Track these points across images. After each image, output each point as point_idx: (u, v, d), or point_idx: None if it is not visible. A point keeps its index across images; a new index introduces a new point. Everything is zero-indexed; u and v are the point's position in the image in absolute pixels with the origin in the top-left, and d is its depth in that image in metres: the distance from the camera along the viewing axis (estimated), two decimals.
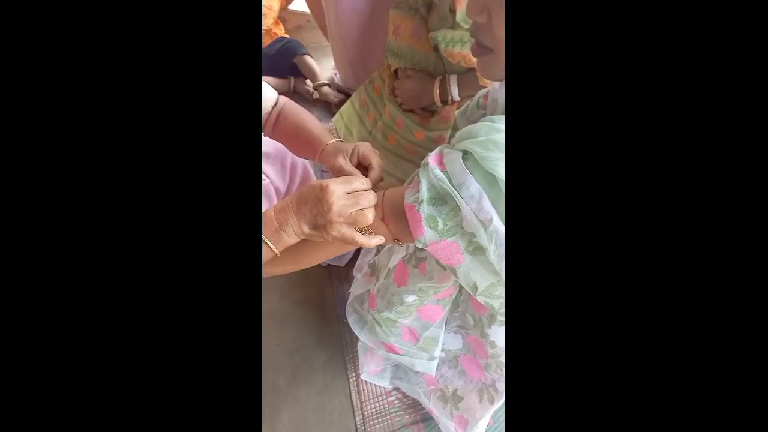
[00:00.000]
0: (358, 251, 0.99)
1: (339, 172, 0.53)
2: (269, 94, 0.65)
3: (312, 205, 0.43)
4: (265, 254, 0.43)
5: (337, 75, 1.52)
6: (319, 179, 0.48)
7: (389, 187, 0.49)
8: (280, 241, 0.42)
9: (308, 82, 1.55)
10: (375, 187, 0.49)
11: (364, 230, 0.45)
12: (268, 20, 1.48)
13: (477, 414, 0.71)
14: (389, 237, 0.47)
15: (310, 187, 0.44)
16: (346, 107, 1.19)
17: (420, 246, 0.43)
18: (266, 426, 0.81)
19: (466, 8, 0.43)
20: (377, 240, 0.45)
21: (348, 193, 0.43)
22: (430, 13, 0.87)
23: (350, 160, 0.53)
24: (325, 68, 1.58)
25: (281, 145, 0.83)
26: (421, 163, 0.43)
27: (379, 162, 0.53)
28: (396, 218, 0.45)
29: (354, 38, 1.21)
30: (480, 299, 0.47)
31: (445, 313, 0.66)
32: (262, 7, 1.45)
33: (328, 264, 1.04)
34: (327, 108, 1.53)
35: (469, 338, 0.70)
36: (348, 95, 1.39)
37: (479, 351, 0.68)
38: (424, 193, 0.41)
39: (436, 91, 0.86)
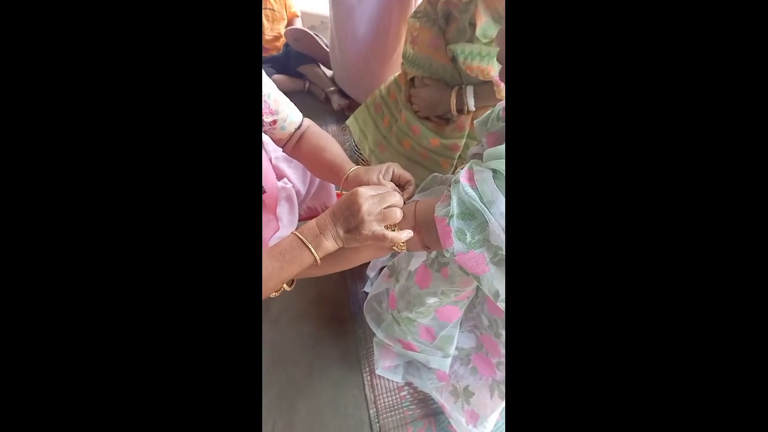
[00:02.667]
0: None
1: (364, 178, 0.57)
2: (295, 117, 0.68)
3: (345, 208, 0.47)
4: (304, 261, 0.47)
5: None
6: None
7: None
8: (321, 247, 0.46)
9: None
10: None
11: (393, 228, 0.49)
12: (278, 25, 1.51)
13: (488, 409, 0.75)
14: (420, 245, 0.51)
15: (343, 196, 0.48)
16: (360, 110, 1.22)
17: (448, 255, 0.47)
18: (284, 418, 0.86)
19: (497, 37, 0.46)
20: (406, 234, 0.48)
21: (374, 195, 0.47)
22: (449, 25, 0.90)
23: (384, 178, 0.57)
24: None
25: None
26: (452, 180, 0.47)
27: (413, 180, 0.58)
28: (426, 228, 0.49)
29: (356, 50, 1.23)
30: (500, 305, 0.51)
31: (462, 314, 0.71)
32: (274, 12, 1.48)
33: None
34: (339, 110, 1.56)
35: (482, 337, 0.74)
36: (351, 100, 1.42)
37: (492, 350, 0.73)
38: (455, 208, 0.45)
39: (453, 100, 0.90)
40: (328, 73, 1.53)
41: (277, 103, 0.64)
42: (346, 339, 0.96)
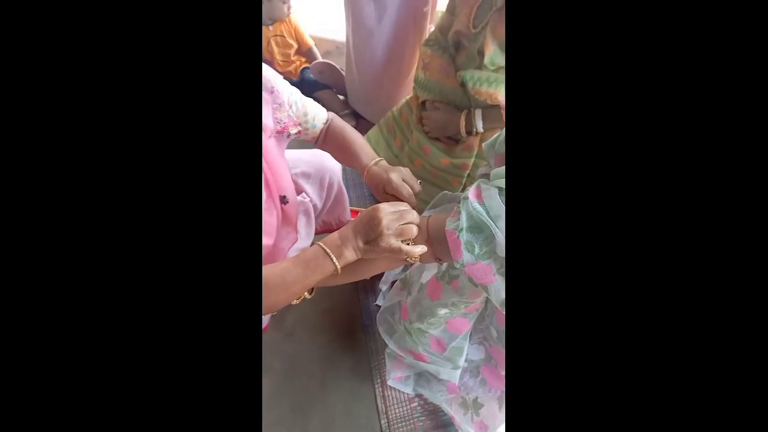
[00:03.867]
0: None
1: (388, 184, 0.62)
2: (321, 114, 0.76)
3: (366, 222, 0.51)
4: (326, 269, 0.51)
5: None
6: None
7: (416, 209, 0.57)
8: (342, 257, 0.50)
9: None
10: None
11: (408, 242, 0.53)
12: (288, 50, 1.60)
13: (497, 420, 0.77)
14: (432, 257, 0.55)
15: (364, 212, 0.52)
16: (373, 131, 1.28)
17: (458, 266, 0.51)
18: (298, 428, 0.88)
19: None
20: (420, 249, 0.52)
21: (394, 211, 0.52)
22: (458, 53, 0.96)
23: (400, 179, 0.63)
24: None
25: (321, 166, 0.93)
26: (462, 197, 0.51)
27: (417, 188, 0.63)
28: (438, 242, 0.53)
29: (373, 73, 1.31)
30: None
31: (471, 326, 0.73)
32: (285, 39, 1.57)
33: None
34: None
35: (491, 349, 0.76)
36: (363, 121, 1.49)
37: (501, 362, 0.75)
38: (464, 222, 0.49)
39: (462, 122, 0.95)
40: (341, 97, 1.61)
41: (304, 107, 0.71)
42: (358, 351, 0.98)
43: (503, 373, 0.75)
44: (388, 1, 1.09)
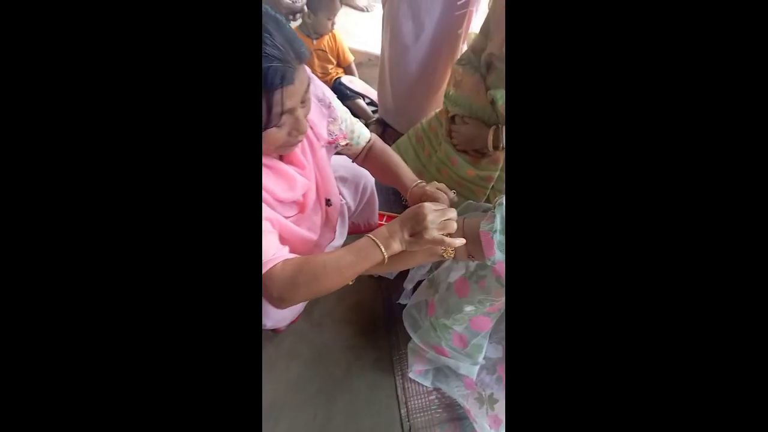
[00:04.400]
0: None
1: (427, 194, 0.69)
2: (365, 133, 0.83)
3: (412, 217, 0.59)
4: (375, 258, 0.59)
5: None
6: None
7: None
8: (389, 247, 0.58)
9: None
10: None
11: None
12: (327, 64, 1.71)
13: None
14: (465, 254, 0.62)
15: (410, 209, 0.60)
16: (402, 140, 1.36)
17: (489, 264, 0.58)
18: (323, 410, 0.95)
19: None
20: (460, 241, 0.59)
21: (437, 209, 0.59)
22: (489, 73, 1.03)
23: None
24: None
25: (356, 172, 1.01)
26: (497, 203, 0.58)
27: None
28: (472, 241, 0.60)
29: (406, 86, 1.40)
30: None
31: (492, 325, 0.80)
32: (326, 53, 1.67)
33: (379, 276, 1.19)
34: None
35: None
36: (390, 130, 1.59)
37: None
38: (498, 224, 0.56)
39: (490, 138, 1.02)
40: (368, 109, 1.71)
41: (352, 125, 0.79)
42: (381, 345, 1.05)
43: None
44: (426, 21, 1.17)
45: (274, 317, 0.85)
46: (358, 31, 2.16)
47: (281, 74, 0.47)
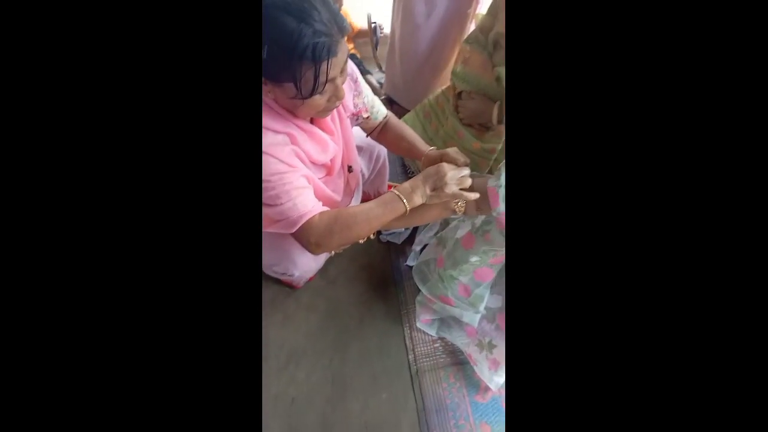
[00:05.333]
0: (413, 232, 1.24)
1: (445, 156, 0.79)
2: (382, 109, 0.92)
3: (434, 173, 0.68)
4: (398, 210, 0.68)
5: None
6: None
7: None
8: (411, 200, 0.67)
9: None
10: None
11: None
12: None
13: None
14: (474, 209, 0.71)
15: (431, 168, 0.69)
16: (410, 115, 1.44)
17: (494, 215, 0.68)
18: (339, 355, 1.06)
19: None
20: (474, 195, 0.69)
21: (454, 168, 0.68)
22: (496, 51, 1.11)
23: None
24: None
25: (371, 142, 1.09)
26: (500, 165, 0.68)
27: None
28: (480, 196, 0.70)
29: (415, 63, 1.47)
30: None
31: (494, 277, 0.90)
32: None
33: (387, 240, 1.29)
34: None
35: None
36: (396, 106, 1.66)
37: None
38: (503, 180, 0.66)
39: (495, 112, 1.10)
40: (376, 83, 1.78)
41: (372, 100, 0.87)
42: (390, 300, 1.16)
43: None
44: (438, 1, 1.24)
45: (301, 266, 0.95)
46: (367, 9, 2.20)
47: (328, 47, 0.54)
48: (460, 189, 0.68)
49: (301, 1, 0.51)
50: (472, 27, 1.31)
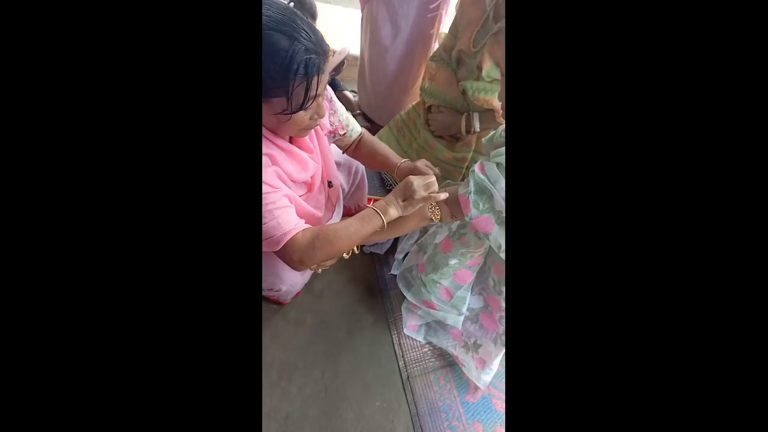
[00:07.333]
0: (395, 241, 1.29)
1: (416, 169, 0.85)
2: (357, 127, 0.98)
3: (402, 187, 0.74)
4: (376, 224, 0.72)
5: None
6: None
7: None
8: (387, 214, 0.72)
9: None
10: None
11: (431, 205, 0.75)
12: None
13: (492, 355, 0.99)
14: (449, 215, 0.77)
15: (400, 183, 0.74)
16: (384, 131, 1.51)
17: (467, 220, 0.73)
18: (330, 368, 1.08)
19: (498, 93, 0.74)
20: (444, 195, 0.74)
21: (420, 177, 0.74)
22: (459, 67, 1.19)
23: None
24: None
25: (347, 157, 1.14)
26: (470, 171, 0.73)
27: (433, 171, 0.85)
28: (453, 204, 0.75)
29: (385, 82, 1.54)
30: (502, 255, 0.76)
31: (473, 278, 0.95)
32: None
33: (371, 252, 1.33)
34: None
35: (488, 298, 0.98)
36: (372, 123, 1.73)
37: (495, 307, 0.97)
38: (472, 187, 0.71)
39: (463, 123, 1.17)
40: (354, 100, 1.84)
41: (347, 120, 0.92)
42: (377, 309, 1.19)
43: (497, 315, 0.97)
44: (402, 24, 1.32)
45: (288, 281, 0.97)
46: (338, 34, 2.28)
47: (316, 64, 0.58)
48: (429, 193, 0.73)
49: (290, 22, 0.56)
50: (436, 46, 1.40)
